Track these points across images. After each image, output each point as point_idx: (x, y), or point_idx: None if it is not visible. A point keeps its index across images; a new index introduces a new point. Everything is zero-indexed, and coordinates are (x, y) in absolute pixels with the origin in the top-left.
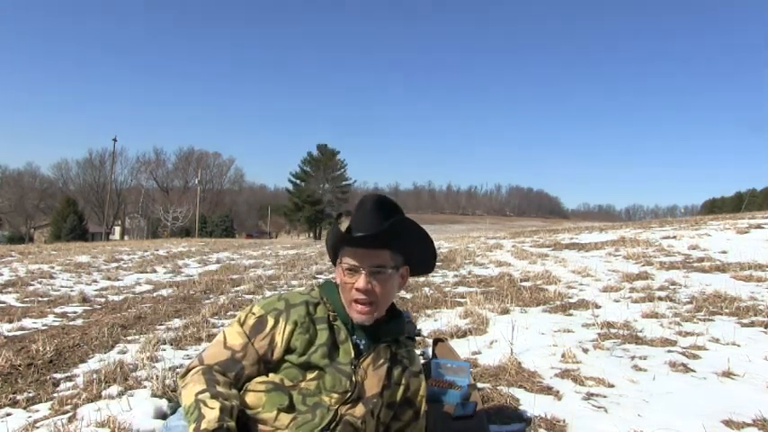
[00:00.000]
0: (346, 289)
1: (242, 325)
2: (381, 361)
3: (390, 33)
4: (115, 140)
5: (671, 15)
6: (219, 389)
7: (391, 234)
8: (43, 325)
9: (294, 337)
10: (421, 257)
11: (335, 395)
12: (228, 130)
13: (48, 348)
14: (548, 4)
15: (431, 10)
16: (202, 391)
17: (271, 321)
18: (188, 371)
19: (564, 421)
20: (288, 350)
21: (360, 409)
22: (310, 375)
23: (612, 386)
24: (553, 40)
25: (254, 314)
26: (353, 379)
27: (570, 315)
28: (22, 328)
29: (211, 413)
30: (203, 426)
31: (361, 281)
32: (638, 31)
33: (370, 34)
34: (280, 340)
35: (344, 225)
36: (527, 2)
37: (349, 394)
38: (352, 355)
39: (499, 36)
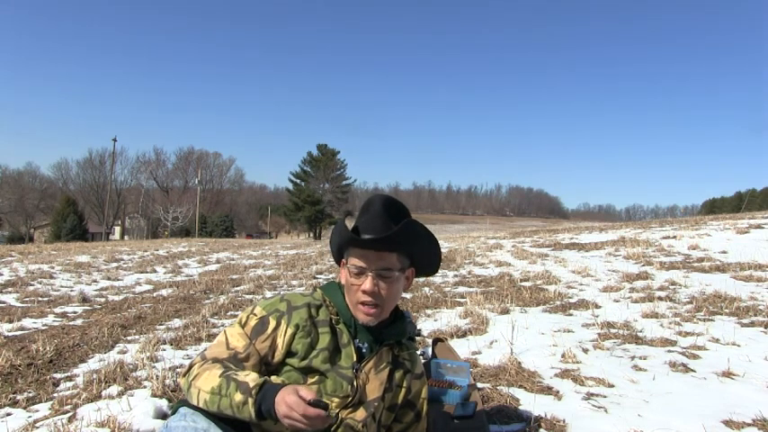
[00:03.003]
0: (352, 290)
1: (243, 326)
2: (383, 364)
3: (390, 34)
4: (115, 140)
5: (671, 16)
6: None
7: (400, 237)
8: (43, 325)
9: (295, 340)
10: (427, 259)
11: (336, 399)
12: (228, 130)
13: (48, 348)
14: (548, 6)
15: (431, 11)
16: (225, 371)
17: (272, 323)
18: (191, 366)
19: (564, 421)
20: (289, 353)
21: (361, 413)
22: (311, 379)
23: (612, 386)
24: (553, 41)
25: (255, 315)
26: (355, 383)
27: (570, 315)
28: (22, 328)
29: (250, 376)
30: (252, 384)
31: (367, 283)
32: (638, 31)
33: (371, 35)
34: (281, 343)
35: (350, 226)
36: (527, 3)
37: (350, 398)
38: (354, 358)
39: (499, 37)
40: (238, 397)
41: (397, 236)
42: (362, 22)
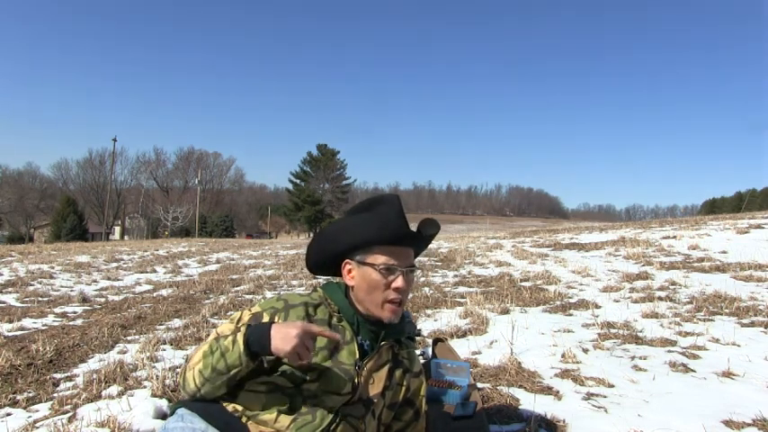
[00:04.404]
0: (379, 289)
1: (238, 322)
2: (384, 362)
3: (390, 33)
4: (115, 140)
5: (670, 14)
6: None
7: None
8: (43, 325)
9: None
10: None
11: (337, 396)
12: (228, 130)
13: (48, 348)
14: (547, 4)
15: (431, 10)
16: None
17: (266, 317)
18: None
19: (564, 421)
20: None
21: (361, 410)
22: (311, 377)
23: (612, 386)
24: (553, 40)
25: (250, 311)
26: (356, 380)
27: (570, 315)
28: (22, 328)
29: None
30: (242, 328)
31: (400, 280)
32: (638, 31)
33: (370, 34)
34: None
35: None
36: (526, 1)
37: (350, 396)
38: (357, 355)
39: (499, 36)
40: (227, 342)
41: (433, 235)
42: (362, 22)
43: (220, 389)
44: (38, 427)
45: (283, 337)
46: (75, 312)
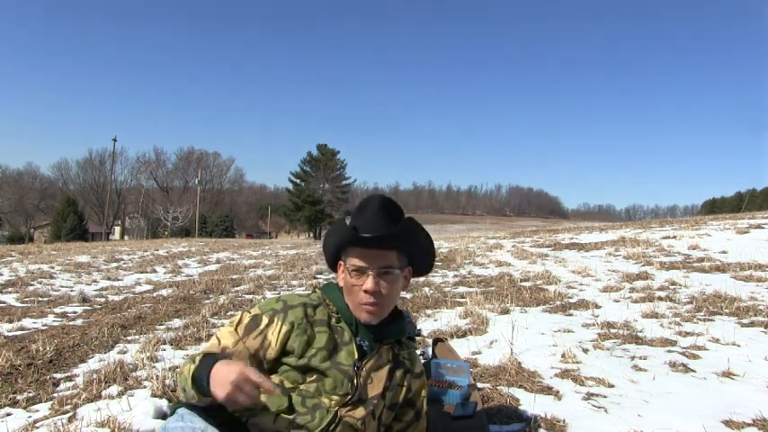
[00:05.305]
0: (354, 291)
1: (237, 325)
2: (384, 362)
3: (390, 33)
4: (115, 140)
5: (670, 15)
6: None
7: (403, 234)
8: (43, 325)
9: (291, 338)
10: (423, 259)
11: (336, 397)
12: (228, 130)
13: (48, 348)
14: (547, 3)
15: (431, 9)
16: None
17: (265, 320)
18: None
19: (564, 421)
20: (285, 351)
21: (360, 411)
22: (310, 377)
23: (612, 386)
24: (553, 40)
25: (249, 314)
26: (355, 381)
27: (570, 315)
28: (22, 328)
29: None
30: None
31: (369, 282)
32: (637, 30)
33: (370, 34)
34: (273, 339)
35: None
36: (526, 1)
37: (350, 396)
38: (356, 356)
39: (499, 35)
40: (186, 370)
41: (400, 233)
42: (363, 23)
43: (203, 402)
44: (38, 427)
45: (220, 382)
46: (75, 312)
